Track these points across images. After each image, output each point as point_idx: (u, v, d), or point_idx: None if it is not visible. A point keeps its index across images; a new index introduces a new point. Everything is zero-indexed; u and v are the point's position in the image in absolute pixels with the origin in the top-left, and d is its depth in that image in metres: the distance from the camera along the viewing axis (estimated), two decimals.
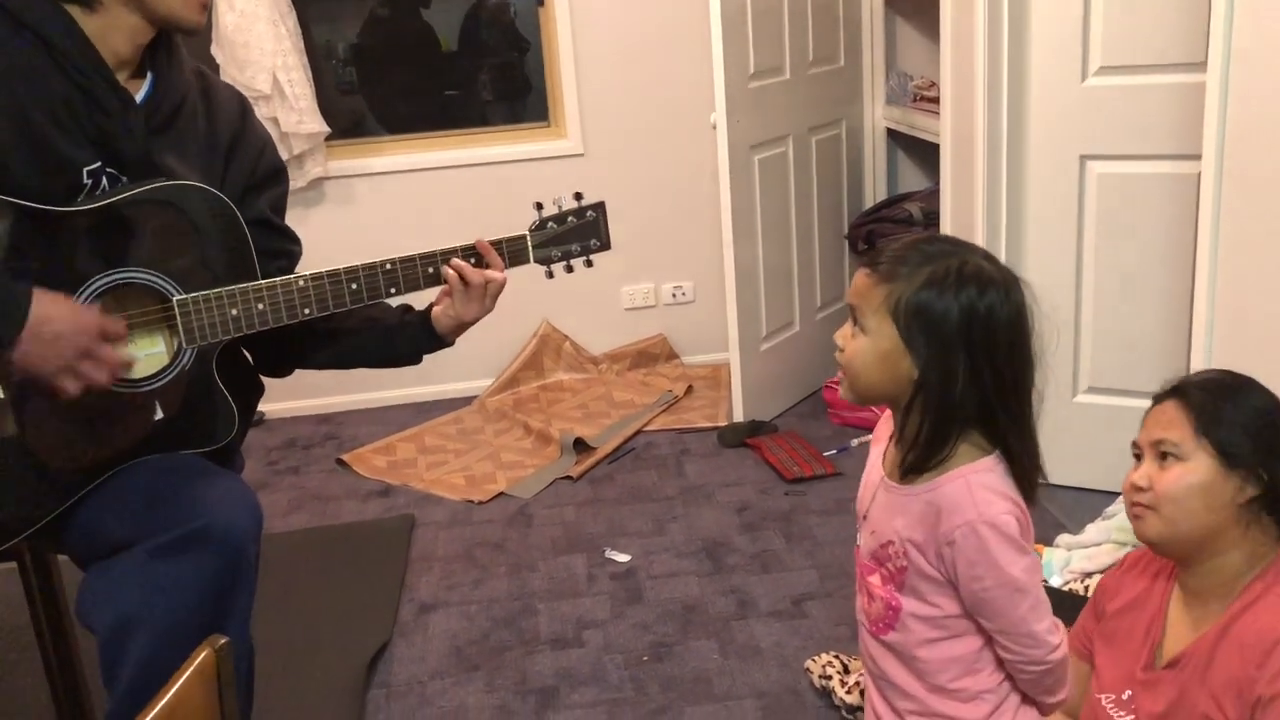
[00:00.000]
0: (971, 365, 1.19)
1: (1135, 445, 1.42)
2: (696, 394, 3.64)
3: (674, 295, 3.85)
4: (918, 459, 1.23)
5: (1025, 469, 1.24)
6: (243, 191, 1.62)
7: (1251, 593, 1.34)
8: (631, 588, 2.53)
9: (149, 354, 1.51)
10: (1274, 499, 1.33)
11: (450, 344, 1.70)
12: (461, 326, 1.67)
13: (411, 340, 1.69)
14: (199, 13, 1.49)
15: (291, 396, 3.63)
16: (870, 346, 1.23)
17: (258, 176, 1.65)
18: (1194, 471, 1.34)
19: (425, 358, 1.73)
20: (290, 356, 1.73)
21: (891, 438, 1.33)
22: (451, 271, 1.61)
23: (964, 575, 1.23)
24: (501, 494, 3.05)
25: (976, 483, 1.22)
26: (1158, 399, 1.41)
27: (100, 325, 1.39)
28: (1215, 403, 1.35)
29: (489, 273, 1.63)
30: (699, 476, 3.07)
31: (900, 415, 1.25)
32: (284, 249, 1.70)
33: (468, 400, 3.73)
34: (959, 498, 1.22)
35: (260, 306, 1.53)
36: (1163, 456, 1.36)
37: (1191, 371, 1.83)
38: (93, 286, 1.45)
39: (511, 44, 3.85)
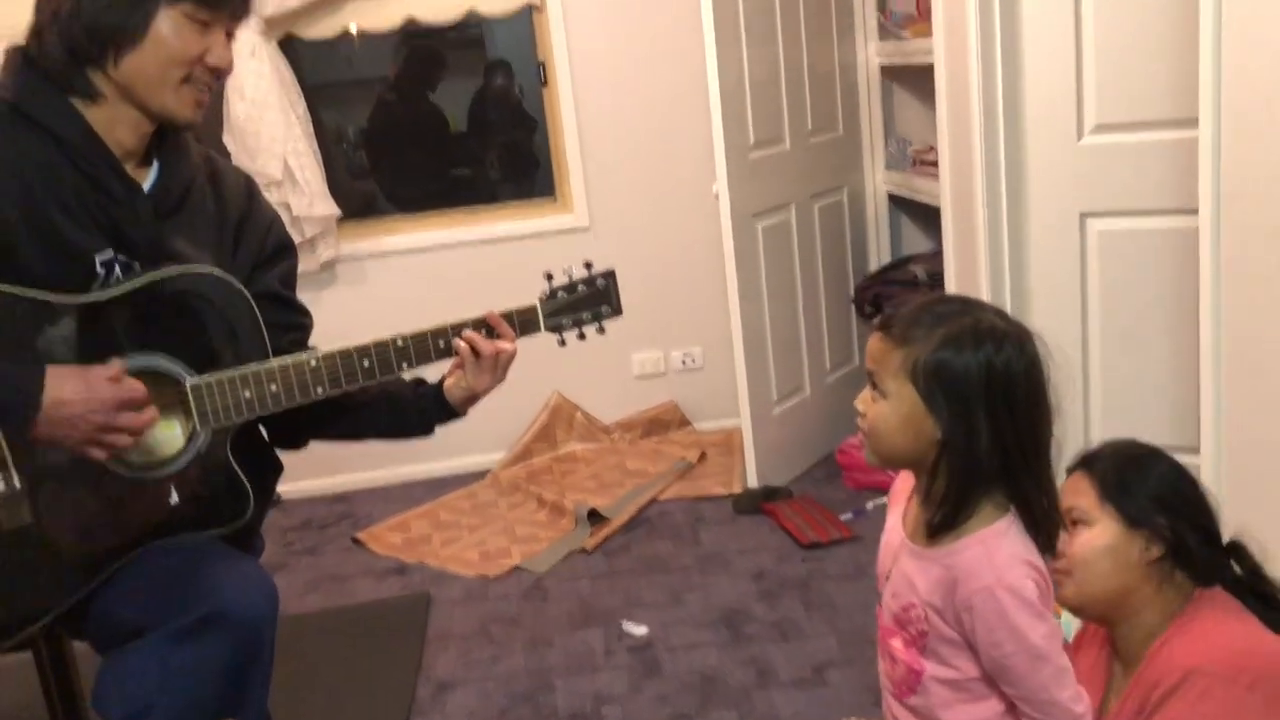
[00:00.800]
0: (993, 421, 1.20)
1: None
2: (710, 460, 3.63)
3: (684, 362, 3.87)
4: (944, 519, 1.23)
5: (1044, 522, 1.25)
6: (252, 268, 1.66)
7: (1155, 646, 1.37)
8: (649, 660, 2.50)
9: (164, 439, 1.53)
10: (1180, 555, 1.37)
11: (462, 415, 1.72)
12: (473, 398, 1.69)
13: (424, 412, 1.71)
14: (194, 110, 1.53)
15: (307, 476, 3.65)
16: (892, 410, 1.24)
17: (266, 252, 1.69)
18: (1100, 535, 1.38)
19: (438, 428, 1.74)
20: (304, 430, 1.74)
21: (911, 499, 1.33)
22: (463, 344, 1.63)
23: (983, 641, 1.22)
24: (516, 568, 3.04)
25: (994, 546, 1.22)
26: (1069, 470, 1.46)
27: (116, 398, 1.41)
28: (1119, 469, 1.41)
29: (499, 343, 1.65)
30: (715, 544, 3.06)
31: (925, 477, 1.26)
32: (295, 322, 1.73)
33: (481, 474, 3.73)
34: (977, 563, 1.22)
35: (273, 387, 1.55)
36: (1074, 524, 1.40)
37: (1204, 431, 1.82)
38: None
39: (518, 123, 3.93)
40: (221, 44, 1.52)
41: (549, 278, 1.73)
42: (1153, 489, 1.38)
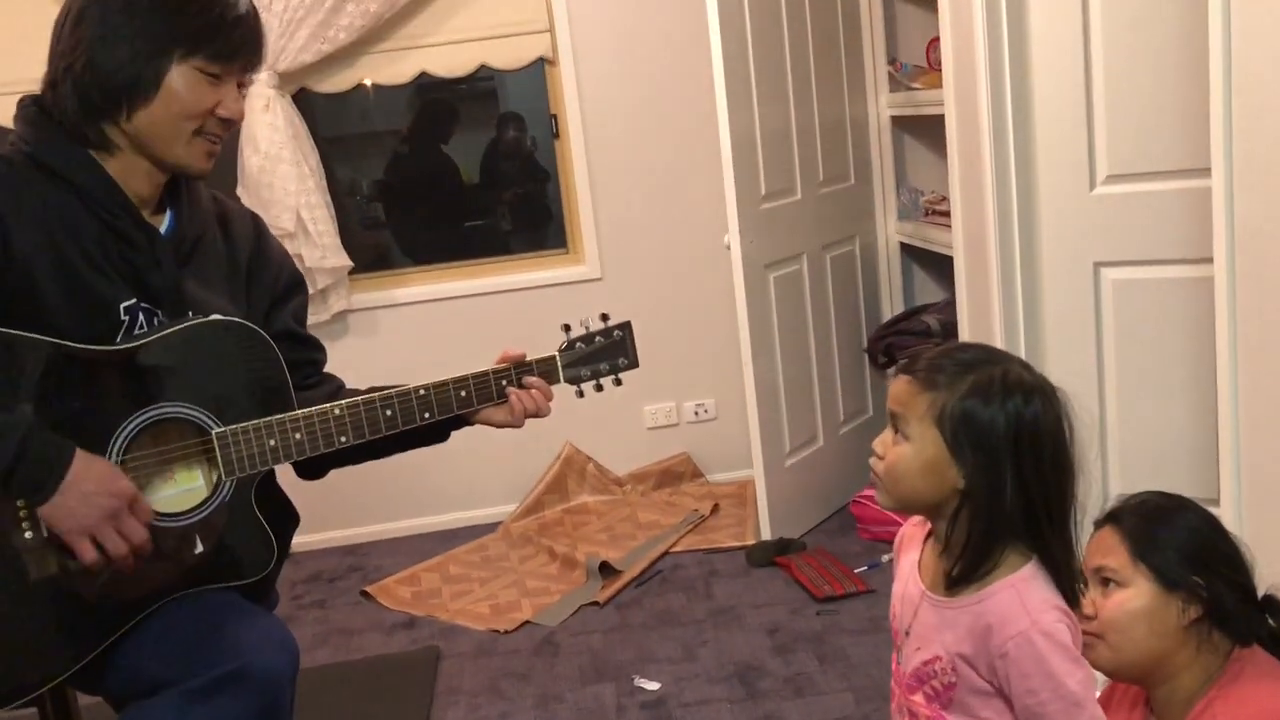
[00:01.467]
0: (1018, 474, 1.19)
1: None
2: (723, 512, 3.60)
3: (696, 413, 3.86)
4: (966, 569, 1.22)
5: (1066, 577, 1.23)
6: (268, 306, 1.68)
7: (1197, 710, 1.33)
8: (662, 717, 2.46)
9: (189, 488, 1.52)
10: (1219, 616, 1.33)
11: (471, 424, 1.75)
12: (486, 423, 1.72)
13: (439, 423, 1.71)
14: (205, 160, 1.55)
15: (316, 528, 3.62)
16: (914, 454, 1.23)
17: (280, 290, 1.71)
18: (1135, 597, 1.35)
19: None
20: (329, 461, 1.73)
21: (925, 547, 1.31)
22: (515, 400, 1.67)
23: (1018, 689, 1.19)
24: (527, 622, 3.00)
25: (1025, 591, 1.20)
26: (1097, 525, 1.42)
27: (134, 495, 1.41)
28: (1149, 526, 1.37)
29: (541, 401, 1.70)
30: (728, 598, 3.02)
31: (945, 524, 1.24)
32: (311, 358, 1.75)
33: (492, 526, 3.70)
34: (1010, 608, 1.20)
35: (298, 436, 1.55)
36: (1105, 583, 1.37)
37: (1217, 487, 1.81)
38: (134, 422, 1.47)
39: (530, 175, 3.96)
40: (233, 95, 1.53)
41: (566, 329, 1.74)
42: (1185, 545, 1.35)
